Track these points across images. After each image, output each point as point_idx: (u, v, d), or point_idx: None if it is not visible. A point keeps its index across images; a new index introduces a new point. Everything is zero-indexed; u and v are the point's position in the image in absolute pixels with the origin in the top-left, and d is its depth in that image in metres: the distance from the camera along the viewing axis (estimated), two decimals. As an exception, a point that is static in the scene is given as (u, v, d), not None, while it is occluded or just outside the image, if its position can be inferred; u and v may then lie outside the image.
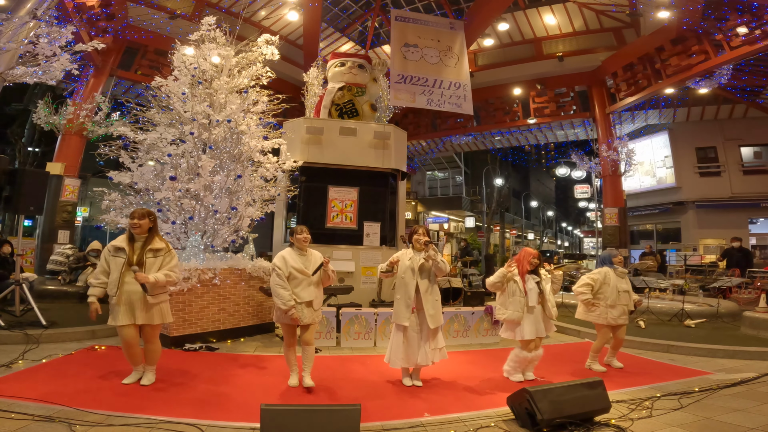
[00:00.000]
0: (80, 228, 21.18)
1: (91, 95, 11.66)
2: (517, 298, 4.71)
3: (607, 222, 14.54)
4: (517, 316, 4.68)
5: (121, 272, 4.04)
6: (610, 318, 5.17)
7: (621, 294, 5.20)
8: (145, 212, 4.20)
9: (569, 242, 58.68)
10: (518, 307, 4.69)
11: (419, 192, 30.18)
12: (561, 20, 14.30)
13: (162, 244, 4.24)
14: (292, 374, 4.48)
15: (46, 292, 7.90)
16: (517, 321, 4.70)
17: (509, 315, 4.73)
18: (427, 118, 18.08)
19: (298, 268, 4.31)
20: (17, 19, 5.96)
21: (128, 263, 4.03)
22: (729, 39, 10.67)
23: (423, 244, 4.51)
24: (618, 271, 5.32)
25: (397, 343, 4.51)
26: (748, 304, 9.21)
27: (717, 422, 3.67)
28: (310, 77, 9.36)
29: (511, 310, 4.73)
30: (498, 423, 3.63)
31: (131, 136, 6.42)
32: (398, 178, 9.61)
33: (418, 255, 4.56)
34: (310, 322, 4.35)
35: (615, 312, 5.17)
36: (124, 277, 4.04)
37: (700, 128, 18.02)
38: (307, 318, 4.30)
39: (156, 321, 4.17)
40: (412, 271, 4.49)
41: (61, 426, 3.21)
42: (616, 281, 5.25)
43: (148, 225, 4.18)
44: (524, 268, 4.80)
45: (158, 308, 4.18)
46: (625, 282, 5.33)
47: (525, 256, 4.84)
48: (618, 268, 5.35)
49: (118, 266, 4.05)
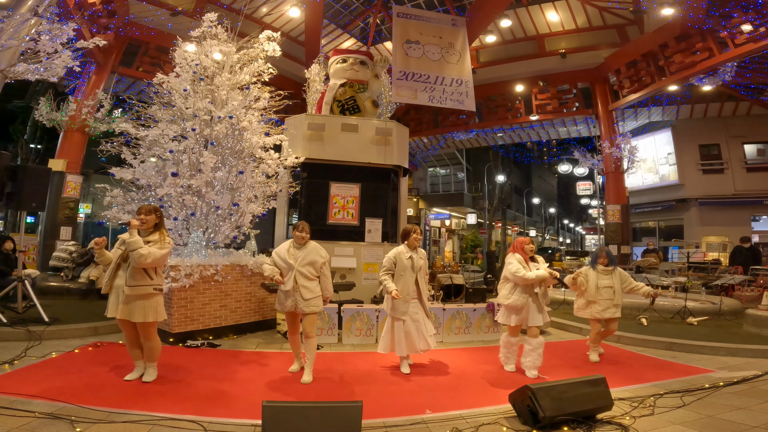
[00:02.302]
0: (82, 224, 21.21)
1: (92, 92, 11.67)
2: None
3: (610, 219, 14.51)
4: (522, 302, 4.85)
5: (116, 264, 4.04)
6: (594, 312, 5.51)
7: (601, 290, 5.47)
8: (152, 208, 4.18)
9: (571, 239, 58.63)
10: (523, 293, 4.85)
11: (421, 188, 30.16)
12: (564, 17, 14.24)
13: (155, 237, 4.11)
14: (296, 361, 4.79)
15: (49, 289, 7.92)
16: (521, 307, 4.85)
17: (513, 300, 4.88)
18: (429, 114, 18.05)
19: (283, 258, 4.58)
20: (18, 17, 5.95)
21: (123, 257, 4.03)
22: (733, 36, 10.60)
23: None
24: (600, 269, 5.56)
25: (399, 334, 4.80)
26: (750, 302, 9.19)
27: (719, 420, 3.66)
28: (311, 74, 9.33)
29: (517, 296, 4.87)
30: (500, 420, 3.62)
31: (133, 133, 6.41)
32: (400, 175, 9.59)
33: (414, 253, 4.91)
34: (292, 309, 4.54)
35: (598, 306, 5.48)
36: (118, 270, 4.04)
37: (704, 125, 17.96)
38: (288, 306, 4.52)
39: (136, 318, 3.97)
40: (411, 269, 4.84)
41: (63, 423, 3.21)
42: (595, 278, 5.52)
43: (154, 221, 4.15)
44: (524, 257, 4.96)
45: (139, 306, 3.98)
46: (609, 278, 5.52)
47: (519, 245, 5.02)
48: (599, 267, 5.59)
49: (115, 258, 4.06)
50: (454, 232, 31.50)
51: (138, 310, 3.98)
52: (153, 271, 4.09)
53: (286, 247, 4.67)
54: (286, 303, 4.55)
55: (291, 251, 4.62)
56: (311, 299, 4.52)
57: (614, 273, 5.56)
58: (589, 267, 5.71)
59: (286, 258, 4.57)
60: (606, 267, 5.56)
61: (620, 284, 5.54)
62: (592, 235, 38.40)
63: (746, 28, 10.25)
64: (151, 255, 3.93)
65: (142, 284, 4.01)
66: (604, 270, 5.56)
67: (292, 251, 4.62)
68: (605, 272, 5.55)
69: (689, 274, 12.09)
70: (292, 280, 4.49)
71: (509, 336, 5.09)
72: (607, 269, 5.55)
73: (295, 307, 4.52)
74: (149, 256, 3.92)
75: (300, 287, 4.49)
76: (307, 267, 4.53)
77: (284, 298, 4.56)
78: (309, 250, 4.61)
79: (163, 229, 4.24)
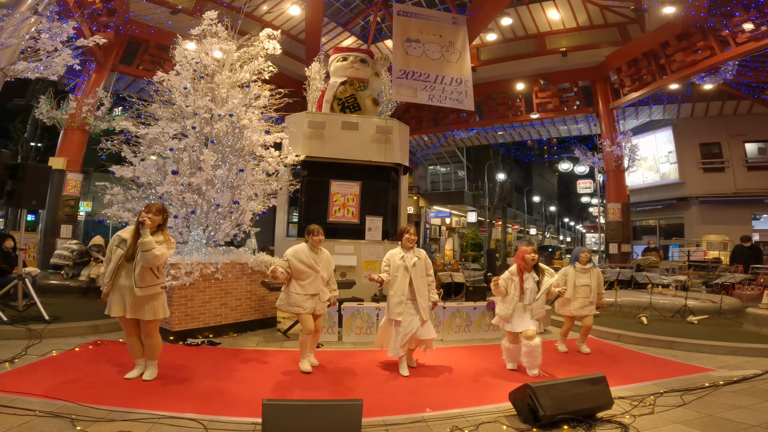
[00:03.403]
0: (83, 222, 21.23)
1: (93, 90, 11.65)
2: (512, 296, 4.93)
3: (610, 217, 14.50)
4: (507, 313, 4.95)
5: (117, 264, 4.03)
6: (572, 310, 5.82)
7: (579, 288, 5.76)
8: (161, 208, 4.17)
9: (571, 237, 58.59)
10: (510, 306, 4.94)
11: (421, 186, 30.11)
12: (565, 15, 14.20)
13: (160, 237, 4.14)
14: (305, 360, 4.78)
15: (49, 287, 7.93)
16: (507, 318, 4.96)
17: (500, 311, 5.03)
18: (429, 112, 18.02)
19: (309, 264, 4.71)
20: (19, 15, 5.94)
21: (126, 257, 4.02)
22: (735, 35, 10.57)
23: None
24: (579, 268, 5.82)
25: (393, 335, 4.82)
26: (751, 301, 9.18)
27: (719, 419, 3.66)
28: (312, 72, 9.32)
29: (504, 306, 4.99)
30: (500, 418, 3.62)
31: (133, 131, 6.41)
32: (400, 173, 9.58)
33: (409, 253, 4.91)
34: (311, 311, 4.72)
35: (576, 304, 5.78)
36: (120, 269, 4.04)
37: (705, 124, 17.94)
38: (308, 308, 4.69)
39: (147, 317, 4.06)
40: (405, 269, 4.84)
41: (63, 421, 3.22)
42: (574, 277, 5.82)
43: (159, 222, 4.14)
44: (521, 266, 4.98)
45: (150, 304, 4.07)
46: (587, 277, 5.78)
47: (519, 255, 5.06)
48: (578, 265, 5.85)
49: (116, 257, 4.04)
50: (455, 230, 31.49)
51: (148, 309, 4.08)
52: (157, 270, 4.14)
53: (305, 252, 4.75)
54: (305, 305, 4.68)
55: (312, 256, 4.77)
56: (324, 303, 4.86)
57: (592, 272, 5.83)
58: (569, 265, 6.00)
59: (313, 264, 4.72)
60: (584, 266, 5.83)
61: (596, 283, 5.81)
62: (593, 233, 38.35)
63: (748, 27, 10.22)
64: (164, 256, 4.04)
65: (152, 284, 4.09)
66: (582, 269, 5.82)
67: (313, 256, 4.77)
68: (583, 271, 5.82)
69: (690, 272, 12.09)
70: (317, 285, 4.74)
71: (508, 342, 5.09)
72: (585, 268, 5.82)
73: (314, 309, 4.73)
74: (162, 257, 4.01)
75: (320, 291, 4.76)
76: (326, 271, 4.82)
77: (304, 301, 4.67)
78: (325, 255, 4.87)
79: (165, 229, 4.25)
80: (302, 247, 4.80)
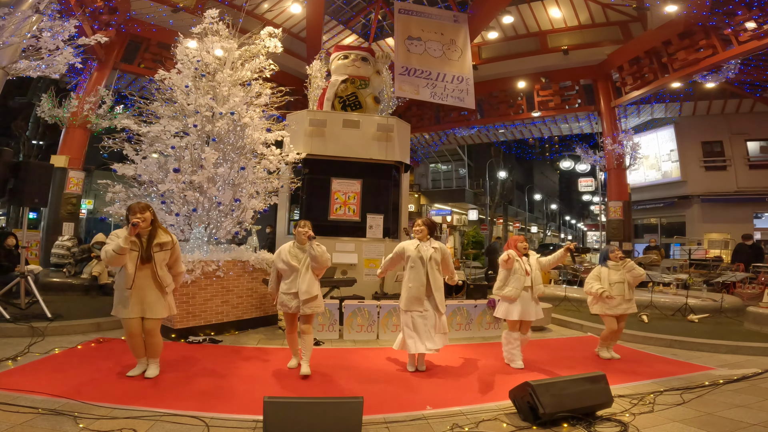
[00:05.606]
0: (85, 220, 21.28)
1: (94, 88, 11.66)
2: (518, 276, 5.03)
3: (611, 215, 14.48)
4: (516, 293, 4.99)
5: (136, 266, 4.07)
6: (606, 309, 5.51)
7: (613, 286, 5.47)
8: (144, 206, 4.18)
9: (573, 235, 58.53)
10: (518, 285, 5.01)
11: (422, 184, 30.13)
12: (566, 13, 14.17)
13: (167, 237, 4.27)
14: (293, 357, 4.79)
15: (51, 285, 7.96)
16: (514, 297, 5.00)
17: (508, 291, 5.05)
18: (430, 110, 18.01)
19: (286, 261, 4.51)
20: (20, 14, 5.94)
21: (141, 258, 4.07)
22: (737, 33, 10.54)
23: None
24: (611, 264, 5.61)
25: (406, 330, 4.73)
26: (752, 299, 9.18)
27: (719, 418, 3.67)
28: (313, 70, 9.34)
29: (511, 287, 5.03)
30: (500, 416, 3.64)
31: (135, 129, 6.42)
32: (401, 171, 9.59)
33: (423, 244, 4.83)
34: (295, 311, 4.52)
35: (612, 302, 5.47)
36: (139, 271, 4.08)
37: (707, 122, 17.89)
38: (293, 307, 4.49)
39: (164, 314, 4.23)
40: (420, 260, 4.74)
41: (66, 419, 3.23)
42: (607, 275, 5.56)
43: (150, 217, 4.18)
44: (519, 252, 5.15)
45: (165, 302, 4.23)
46: (620, 274, 5.52)
47: (513, 242, 5.23)
48: (611, 261, 5.63)
49: (132, 260, 4.05)
50: (456, 228, 31.48)
51: (164, 306, 4.24)
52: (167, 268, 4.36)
53: (287, 250, 4.55)
54: (290, 304, 4.48)
55: (293, 252, 4.54)
56: (312, 299, 4.53)
57: (623, 266, 5.56)
58: (600, 266, 5.69)
59: (290, 261, 4.48)
60: (616, 262, 5.57)
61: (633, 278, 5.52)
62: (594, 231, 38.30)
63: (750, 26, 10.18)
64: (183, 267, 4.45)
65: (169, 282, 4.29)
66: (614, 265, 5.57)
67: (293, 252, 4.55)
68: (615, 267, 5.56)
69: (691, 271, 12.08)
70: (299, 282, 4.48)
71: (510, 331, 5.14)
72: (617, 264, 5.56)
73: (298, 308, 4.49)
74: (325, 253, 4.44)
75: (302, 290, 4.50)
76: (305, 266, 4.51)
77: (289, 300, 4.49)
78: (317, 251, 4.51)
79: (158, 222, 4.31)
80: (287, 245, 4.60)
